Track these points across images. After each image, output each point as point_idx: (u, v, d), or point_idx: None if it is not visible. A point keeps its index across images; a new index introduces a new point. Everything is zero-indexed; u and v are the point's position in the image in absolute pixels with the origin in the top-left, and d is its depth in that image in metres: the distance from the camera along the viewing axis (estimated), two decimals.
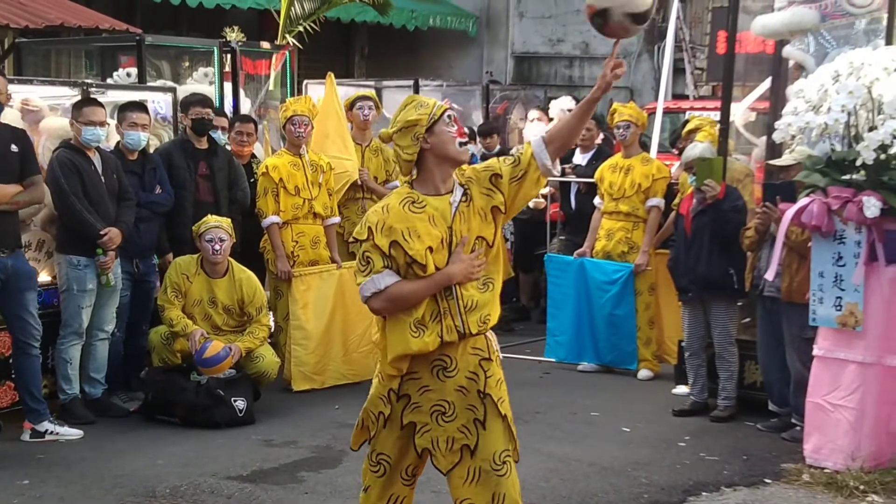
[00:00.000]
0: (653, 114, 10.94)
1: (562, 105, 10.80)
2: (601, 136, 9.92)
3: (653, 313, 8.46)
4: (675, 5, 12.97)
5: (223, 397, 6.88)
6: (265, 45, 10.80)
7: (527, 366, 8.78)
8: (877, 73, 5.91)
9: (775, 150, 7.20)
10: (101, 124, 6.90)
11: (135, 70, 9.54)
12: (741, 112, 8.82)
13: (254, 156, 8.76)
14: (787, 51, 7.32)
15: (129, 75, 9.67)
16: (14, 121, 6.91)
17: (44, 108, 7.79)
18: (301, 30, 11.92)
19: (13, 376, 6.64)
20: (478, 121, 13.00)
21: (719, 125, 7.89)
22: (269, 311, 7.68)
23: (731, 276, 7.14)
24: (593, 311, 8.52)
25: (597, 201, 8.68)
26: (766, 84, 8.25)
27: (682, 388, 7.71)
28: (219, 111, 8.60)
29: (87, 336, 6.95)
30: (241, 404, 6.91)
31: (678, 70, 16.10)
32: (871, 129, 5.87)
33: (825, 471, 6.02)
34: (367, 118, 8.62)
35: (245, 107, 9.95)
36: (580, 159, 9.51)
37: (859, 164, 5.88)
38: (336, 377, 7.95)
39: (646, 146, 9.49)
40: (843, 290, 6.03)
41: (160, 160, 7.57)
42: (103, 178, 6.93)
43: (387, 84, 13.41)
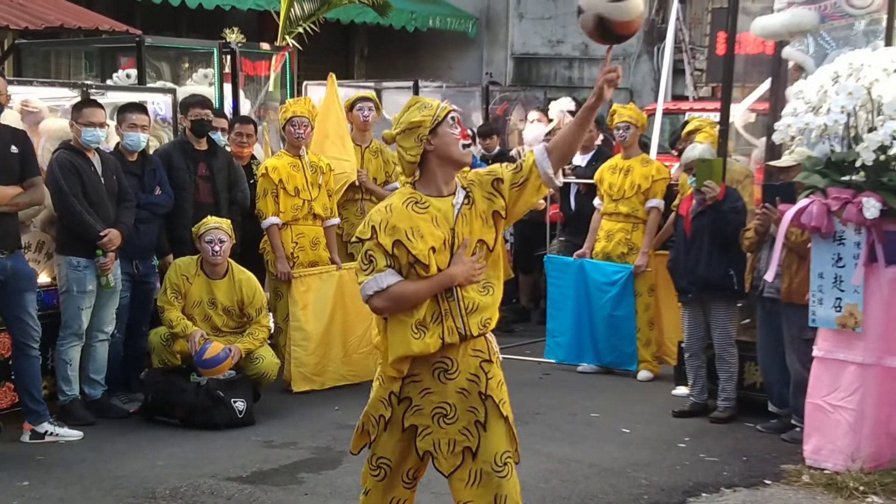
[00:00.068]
0: (652, 115, 10.93)
1: (561, 106, 10.79)
2: (601, 137, 9.92)
3: (652, 314, 8.46)
4: (675, 6, 12.98)
5: (223, 398, 6.88)
6: (265, 46, 10.81)
7: (526, 367, 8.77)
8: (876, 75, 5.92)
9: (775, 151, 7.19)
10: (101, 125, 6.90)
11: (134, 71, 9.54)
12: (741, 113, 8.83)
13: (253, 157, 8.76)
14: (787, 52, 7.32)
15: (128, 76, 9.66)
16: (14, 122, 6.92)
17: (43, 110, 7.80)
18: (301, 31, 11.94)
19: (13, 377, 6.64)
20: (477, 122, 12.98)
21: (719, 126, 7.88)
22: (269, 312, 7.68)
23: (730, 277, 7.14)
24: (593, 313, 8.51)
25: (596, 202, 8.68)
26: (766, 85, 8.26)
27: (681, 390, 7.71)
28: (218, 112, 8.61)
29: (86, 337, 6.95)
30: (240, 405, 6.91)
31: (678, 71, 16.09)
32: (870, 130, 5.87)
33: (825, 472, 6.02)
34: (367, 119, 8.62)
35: (245, 108, 9.95)
36: (580, 160, 9.51)
37: (859, 165, 5.89)
38: (336, 378, 7.95)
39: (646, 147, 9.49)
40: (842, 291, 6.03)
41: (160, 161, 7.56)
42: (103, 179, 6.93)
43: (386, 85, 13.40)
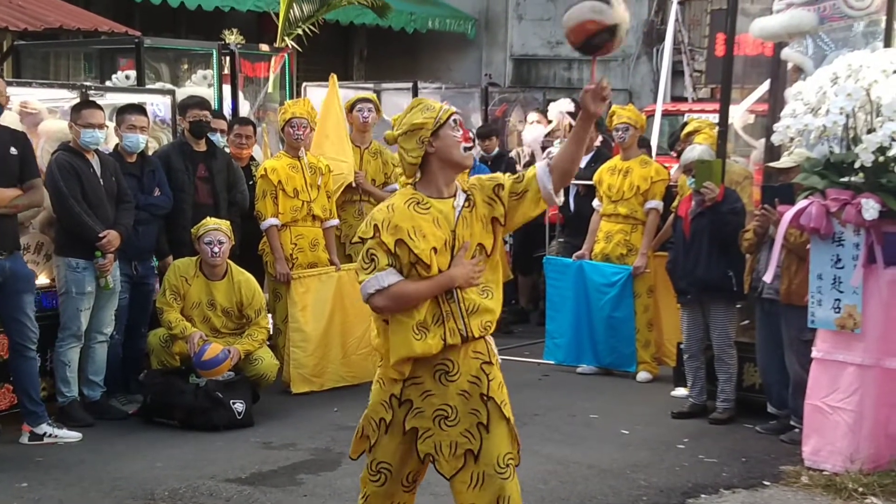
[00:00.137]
0: (651, 116, 10.95)
1: (561, 107, 10.80)
2: (600, 138, 9.92)
3: (651, 315, 8.46)
4: (674, 8, 12.99)
5: (222, 400, 6.87)
6: (264, 47, 10.81)
7: (526, 368, 8.77)
8: (875, 76, 5.92)
9: (774, 152, 7.19)
10: (100, 127, 6.89)
11: (133, 72, 9.54)
12: (740, 114, 8.83)
13: (253, 158, 8.75)
14: (786, 53, 7.32)
15: (127, 78, 9.66)
16: (13, 123, 6.91)
17: (42, 111, 7.80)
18: (300, 32, 11.94)
19: (11, 379, 6.63)
20: (477, 123, 12.98)
21: (718, 127, 7.89)
22: (268, 313, 7.68)
23: (729, 279, 7.14)
24: (592, 314, 8.51)
25: (595, 203, 8.68)
26: (765, 86, 8.26)
27: (680, 391, 7.71)
28: (217, 114, 8.60)
29: (85, 339, 6.94)
30: (239, 407, 6.91)
31: (677, 72, 16.07)
32: (869, 132, 5.87)
33: (824, 473, 6.02)
34: (367, 120, 8.63)
35: (244, 109, 9.95)
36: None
37: (858, 166, 5.89)
38: (335, 379, 7.95)
39: (649, 146, 9.46)
40: (841, 292, 6.02)
41: (159, 163, 7.56)
42: (102, 180, 6.93)
43: (386, 86, 13.39)
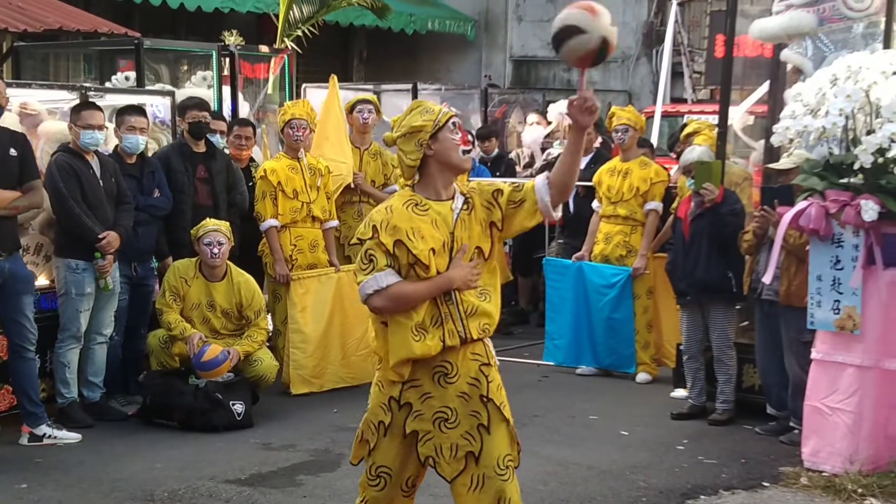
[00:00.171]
0: (651, 117, 10.96)
1: (560, 109, 10.80)
2: (599, 139, 9.93)
3: (651, 317, 8.46)
4: (674, 9, 13.00)
5: (221, 401, 6.87)
6: (264, 48, 10.82)
7: (525, 369, 8.77)
8: (874, 77, 5.92)
9: (773, 153, 7.20)
10: (100, 128, 6.89)
11: (133, 74, 9.56)
12: (739, 116, 8.83)
13: (252, 159, 8.76)
14: (785, 54, 7.33)
15: (127, 79, 9.67)
16: (12, 125, 6.91)
17: (42, 112, 7.81)
18: (300, 33, 11.96)
19: (11, 380, 6.64)
20: (476, 124, 12.99)
21: (717, 129, 7.88)
22: (268, 314, 7.68)
23: (729, 280, 7.14)
24: (592, 315, 8.51)
25: (595, 205, 8.68)
26: (764, 88, 8.26)
27: (680, 392, 7.71)
28: (217, 115, 8.60)
29: (85, 340, 6.94)
30: (239, 408, 6.90)
31: (676, 74, 16.08)
32: (868, 133, 5.87)
33: (823, 474, 6.02)
34: (367, 122, 8.63)
35: (243, 110, 9.96)
36: None
37: (857, 167, 5.89)
38: (334, 380, 7.94)
39: (652, 146, 9.45)
40: (840, 293, 6.03)
41: (158, 164, 7.56)
42: (102, 181, 6.93)
43: (385, 88, 13.41)
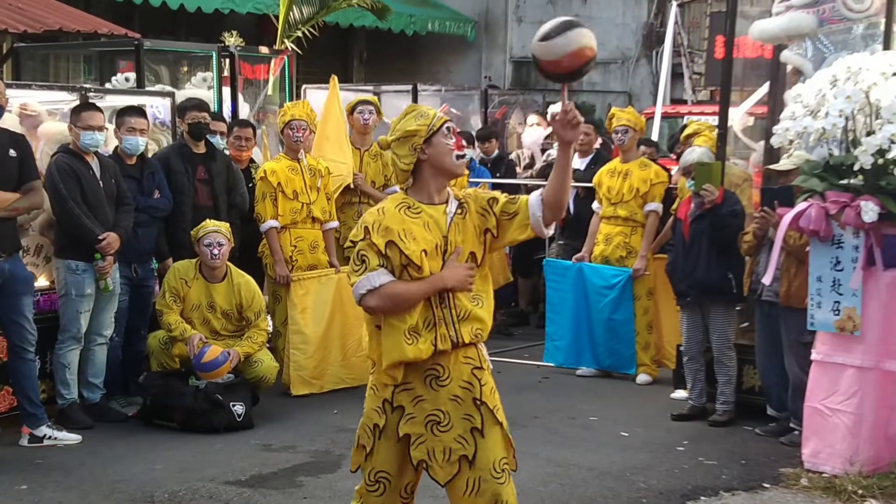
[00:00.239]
0: (651, 118, 10.96)
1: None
2: (599, 140, 9.94)
3: (651, 318, 8.47)
4: (674, 10, 13.01)
5: (222, 402, 6.87)
6: (264, 49, 10.84)
7: (525, 370, 8.77)
8: (874, 78, 5.92)
9: (773, 154, 7.20)
10: (100, 129, 6.89)
11: (133, 75, 9.56)
12: (739, 117, 8.83)
13: (252, 160, 8.76)
14: (785, 56, 7.33)
15: (127, 80, 9.68)
16: (12, 126, 6.91)
17: (42, 113, 7.81)
18: (300, 34, 11.97)
19: (11, 382, 6.64)
20: (476, 125, 13.01)
21: (717, 130, 7.89)
22: (268, 315, 7.68)
23: (729, 281, 7.14)
24: (592, 316, 8.51)
25: (595, 206, 8.69)
26: (764, 89, 8.26)
27: (680, 393, 7.71)
28: (217, 116, 8.61)
29: (85, 341, 6.94)
30: (239, 409, 6.90)
31: (676, 75, 16.08)
32: (868, 134, 5.87)
33: (823, 475, 6.02)
34: (368, 123, 8.63)
35: (244, 111, 9.97)
36: (578, 164, 9.51)
37: (857, 168, 5.89)
38: (335, 381, 7.94)
39: (656, 146, 9.45)
40: (841, 294, 6.03)
41: (158, 165, 7.56)
42: (102, 182, 6.93)
43: (385, 89, 13.42)
